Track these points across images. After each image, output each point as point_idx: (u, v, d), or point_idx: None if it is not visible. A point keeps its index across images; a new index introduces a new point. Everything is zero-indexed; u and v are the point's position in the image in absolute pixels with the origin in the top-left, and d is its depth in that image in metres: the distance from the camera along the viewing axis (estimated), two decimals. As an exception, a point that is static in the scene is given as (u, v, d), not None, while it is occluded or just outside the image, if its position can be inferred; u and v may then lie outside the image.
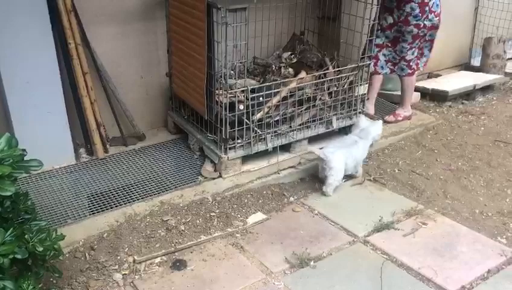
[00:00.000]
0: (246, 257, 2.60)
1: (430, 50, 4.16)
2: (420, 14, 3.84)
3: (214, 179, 3.27)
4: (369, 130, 3.41)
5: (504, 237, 2.81)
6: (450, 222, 2.93)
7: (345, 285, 2.40)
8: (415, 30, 3.90)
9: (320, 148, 3.28)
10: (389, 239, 2.75)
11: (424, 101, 4.80)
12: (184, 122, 3.69)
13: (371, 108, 4.25)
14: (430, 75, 5.42)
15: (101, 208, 2.94)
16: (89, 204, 2.98)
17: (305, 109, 3.54)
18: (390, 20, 3.94)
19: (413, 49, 4.01)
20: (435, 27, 3.95)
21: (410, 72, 4.10)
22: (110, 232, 2.72)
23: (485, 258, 2.61)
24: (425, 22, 3.87)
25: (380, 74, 4.19)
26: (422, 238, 2.77)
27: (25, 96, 3.10)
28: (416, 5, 3.80)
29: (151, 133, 3.89)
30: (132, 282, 2.41)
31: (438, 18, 3.92)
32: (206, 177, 3.29)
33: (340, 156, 3.18)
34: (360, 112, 3.81)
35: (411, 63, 4.07)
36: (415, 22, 3.87)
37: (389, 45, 4.06)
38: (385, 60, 4.12)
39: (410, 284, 2.42)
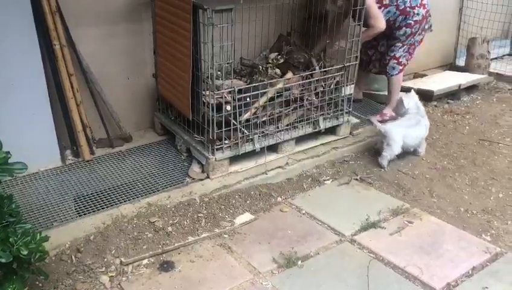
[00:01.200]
0: (233, 258, 2.60)
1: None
2: (406, 15, 3.92)
3: (201, 180, 3.27)
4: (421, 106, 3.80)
5: (488, 234, 2.85)
6: (435, 220, 2.97)
7: (332, 284, 2.42)
8: (408, 30, 3.99)
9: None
10: (376, 238, 2.78)
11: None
12: (171, 124, 3.68)
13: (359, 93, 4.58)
14: (416, 75, 5.48)
15: (87, 210, 2.92)
16: (75, 206, 2.96)
17: (292, 110, 3.55)
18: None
19: (405, 46, 4.08)
20: (426, 17, 4.02)
21: (401, 68, 4.16)
22: (96, 235, 2.70)
23: (470, 255, 2.64)
24: (414, 19, 3.95)
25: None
26: (409, 237, 2.79)
27: (10, 98, 3.07)
28: (398, 13, 3.89)
29: (138, 134, 3.88)
30: (119, 284, 2.40)
31: (424, 9, 3.98)
32: (193, 179, 3.28)
33: (399, 132, 3.53)
34: (347, 112, 3.83)
35: (401, 59, 4.13)
36: (405, 23, 3.96)
37: (380, 57, 4.23)
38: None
39: (397, 282, 2.45)
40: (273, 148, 3.54)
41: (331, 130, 3.84)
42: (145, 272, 2.48)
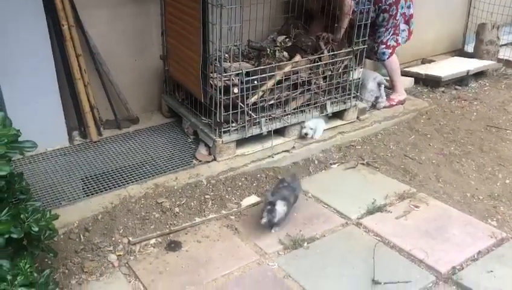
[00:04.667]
0: (240, 239, 2.62)
1: (405, 22, 4.18)
2: (379, 4, 3.94)
3: (208, 162, 3.28)
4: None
5: (494, 219, 2.85)
6: (442, 205, 2.97)
7: (337, 266, 2.43)
8: (386, 15, 4.00)
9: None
10: (382, 221, 2.79)
11: (417, 87, 4.83)
12: (178, 106, 3.68)
13: None
14: (424, 61, 5.44)
15: (95, 191, 2.94)
16: (83, 186, 2.98)
17: (299, 93, 3.54)
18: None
19: (389, 29, 4.07)
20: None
21: (391, 51, 4.15)
22: (104, 214, 2.72)
23: (476, 240, 2.65)
24: (388, 2, 3.95)
25: None
26: (415, 221, 2.80)
27: (18, 78, 3.07)
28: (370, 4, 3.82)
29: (145, 116, 3.88)
30: (127, 263, 2.43)
31: None
32: (200, 161, 3.29)
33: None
34: (354, 97, 3.82)
35: (389, 43, 4.12)
36: (381, 10, 3.98)
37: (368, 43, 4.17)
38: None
39: (402, 265, 2.46)
40: (280, 132, 3.53)
41: (338, 115, 3.84)
42: (153, 251, 2.51)
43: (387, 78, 4.57)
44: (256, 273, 2.37)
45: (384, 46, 4.12)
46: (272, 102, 3.41)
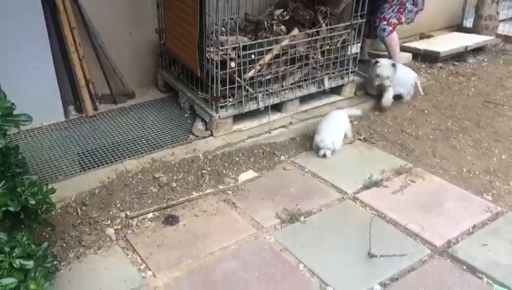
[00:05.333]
0: (237, 213, 2.63)
1: (413, 3, 4.12)
2: None
3: (205, 137, 3.27)
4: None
5: (490, 194, 2.87)
6: (438, 179, 2.98)
7: (334, 239, 2.45)
8: None
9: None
10: (378, 196, 2.80)
11: (415, 62, 4.80)
12: (174, 81, 3.65)
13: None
14: (422, 36, 5.39)
15: (91, 165, 2.93)
16: (79, 161, 2.98)
17: (297, 68, 3.51)
18: None
19: (394, 6, 4.01)
20: None
21: (391, 28, 4.11)
22: (101, 189, 2.72)
23: (471, 214, 2.67)
24: None
25: None
26: (411, 196, 2.81)
27: (12, 52, 3.02)
28: None
29: (141, 91, 3.85)
30: (125, 237, 2.44)
31: None
32: (197, 136, 3.28)
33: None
34: (352, 72, 3.79)
35: (390, 20, 4.08)
36: None
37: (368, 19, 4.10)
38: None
39: (398, 238, 2.48)
40: (277, 108, 3.52)
41: (336, 91, 3.82)
42: (150, 225, 2.52)
43: (385, 52, 4.54)
44: (253, 247, 2.38)
45: (386, 22, 4.07)
46: (269, 77, 3.38)
